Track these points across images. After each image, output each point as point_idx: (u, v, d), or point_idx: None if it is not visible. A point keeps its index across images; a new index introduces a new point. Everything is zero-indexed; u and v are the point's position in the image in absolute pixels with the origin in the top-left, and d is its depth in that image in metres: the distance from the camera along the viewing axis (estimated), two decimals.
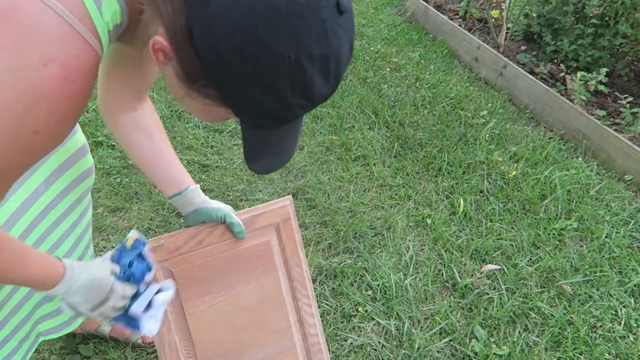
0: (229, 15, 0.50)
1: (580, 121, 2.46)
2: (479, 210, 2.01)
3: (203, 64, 0.53)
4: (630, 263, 1.83)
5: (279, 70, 0.52)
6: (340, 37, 0.54)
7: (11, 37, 0.49)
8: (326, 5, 0.52)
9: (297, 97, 0.55)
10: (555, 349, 1.52)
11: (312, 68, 0.53)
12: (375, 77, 2.86)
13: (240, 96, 0.55)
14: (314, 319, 1.29)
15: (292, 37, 0.51)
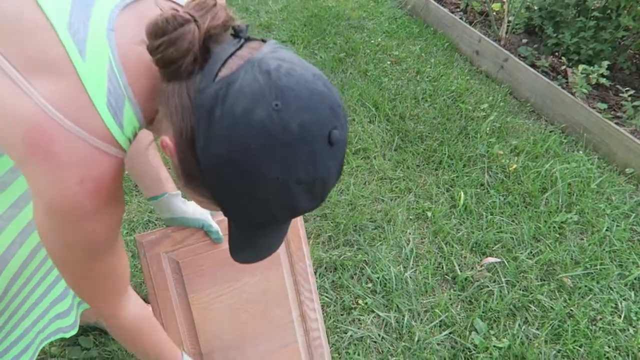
0: (229, 134, 0.56)
1: (581, 114, 2.45)
2: (480, 203, 2.00)
3: (201, 171, 0.59)
4: (630, 256, 1.82)
5: (268, 188, 0.58)
6: (328, 166, 0.60)
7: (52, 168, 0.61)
8: (318, 137, 0.57)
9: (283, 210, 0.61)
10: (555, 342, 1.52)
11: (298, 190, 0.59)
12: (375, 70, 2.85)
13: (230, 203, 0.61)
14: (316, 313, 1.29)
15: (281, 162, 0.56)
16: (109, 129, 0.63)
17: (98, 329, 1.42)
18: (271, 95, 0.55)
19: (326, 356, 1.33)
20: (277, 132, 0.55)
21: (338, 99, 0.60)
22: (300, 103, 0.56)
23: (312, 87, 0.57)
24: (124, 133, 0.65)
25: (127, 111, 0.64)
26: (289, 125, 0.55)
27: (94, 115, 0.62)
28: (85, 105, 0.61)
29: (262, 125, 0.55)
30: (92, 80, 0.61)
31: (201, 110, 0.57)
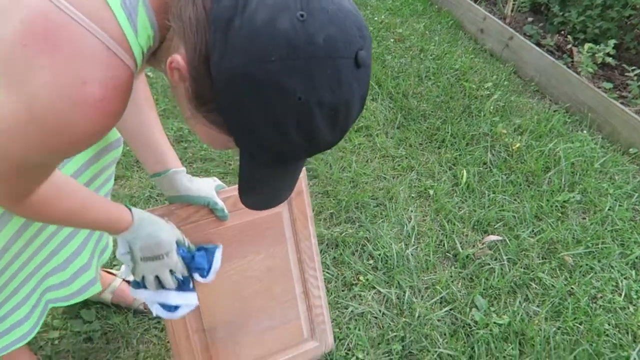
0: (249, 44, 0.50)
1: (586, 94, 2.42)
2: (482, 181, 2.00)
3: (214, 89, 0.54)
4: (632, 235, 1.82)
5: (287, 108, 0.52)
6: (353, 89, 0.55)
7: (54, 57, 0.52)
8: (345, 55, 0.52)
9: (301, 138, 0.55)
10: (555, 319, 1.53)
11: (320, 114, 0.53)
12: (379, 48, 2.81)
13: (243, 126, 0.55)
14: (320, 291, 1.29)
15: (305, 78, 0.51)
16: (123, 30, 0.56)
17: (100, 303, 1.43)
18: (296, 4, 0.50)
19: (328, 332, 1.34)
20: (301, 43, 0.50)
21: (364, 21, 0.55)
22: (327, 16, 0.51)
23: (340, 3, 0.53)
24: (137, 40, 0.58)
25: (141, 15, 0.58)
26: (315, 37, 0.50)
27: (107, 11, 0.55)
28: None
29: (286, 35, 0.50)
30: None
31: (218, 20, 0.52)
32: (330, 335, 1.34)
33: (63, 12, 0.52)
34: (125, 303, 1.42)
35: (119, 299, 1.42)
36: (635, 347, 1.46)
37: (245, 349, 1.25)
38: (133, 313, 1.42)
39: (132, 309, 1.42)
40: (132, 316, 1.42)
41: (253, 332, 1.25)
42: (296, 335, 1.31)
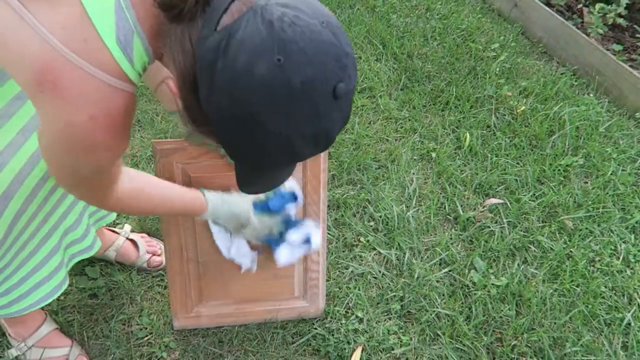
0: (231, 87, 0.55)
1: (594, 56, 2.37)
2: (485, 145, 1.99)
3: (205, 117, 0.60)
4: (633, 200, 1.82)
5: (271, 141, 0.58)
6: (333, 118, 0.59)
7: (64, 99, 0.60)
8: (322, 92, 0.56)
9: (287, 158, 0.62)
10: (553, 281, 1.55)
11: (302, 143, 0.59)
12: (384, 6, 2.75)
13: (234, 149, 0.62)
14: (319, 257, 1.31)
15: (284, 117, 0.56)
16: (119, 64, 0.62)
17: (104, 260, 1.45)
18: (273, 48, 0.53)
19: (320, 297, 1.36)
20: (279, 88, 0.54)
21: (346, 47, 0.59)
22: (304, 57, 0.54)
23: (318, 39, 0.55)
24: (134, 68, 0.64)
25: (136, 46, 0.63)
26: (292, 81, 0.54)
27: (104, 50, 0.60)
28: (92, 39, 0.59)
29: (264, 80, 0.54)
30: (98, 13, 0.59)
31: (203, 61, 0.56)
32: (322, 300, 1.37)
33: (68, 60, 0.58)
34: (129, 261, 1.44)
35: (123, 257, 1.44)
36: (630, 310, 1.49)
37: (234, 288, 1.30)
38: (137, 270, 1.45)
39: (135, 266, 1.45)
40: (136, 273, 1.44)
41: (245, 276, 1.28)
42: (287, 291, 1.34)
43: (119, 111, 0.65)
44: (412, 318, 1.43)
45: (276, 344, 1.34)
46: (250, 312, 1.34)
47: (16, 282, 1.04)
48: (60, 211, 1.05)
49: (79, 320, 1.35)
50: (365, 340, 1.36)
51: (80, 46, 0.59)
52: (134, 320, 1.36)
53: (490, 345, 1.39)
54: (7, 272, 1.01)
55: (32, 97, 0.63)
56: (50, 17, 0.57)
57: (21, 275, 1.04)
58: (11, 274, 1.02)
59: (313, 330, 1.36)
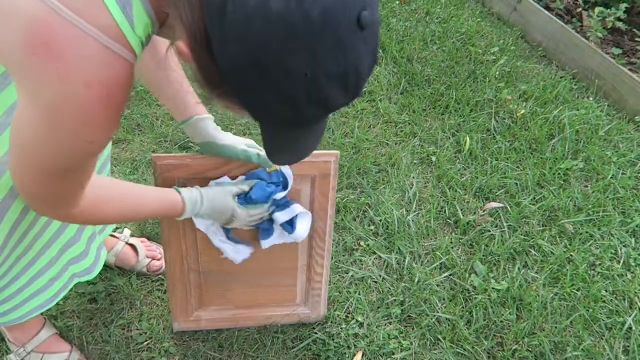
0: (245, 31, 0.50)
1: (594, 59, 2.38)
2: (485, 148, 1.99)
3: (221, 74, 0.55)
4: (634, 204, 1.82)
5: (296, 85, 0.53)
6: (360, 52, 0.54)
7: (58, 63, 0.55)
8: (345, 22, 0.51)
9: (314, 107, 0.56)
10: (553, 285, 1.55)
11: (329, 84, 0.54)
12: (383, 10, 2.75)
13: (257, 105, 0.57)
14: (323, 269, 1.30)
15: (307, 54, 0.51)
16: (118, 25, 0.57)
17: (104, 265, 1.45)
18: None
19: (322, 305, 1.35)
20: (297, 22, 0.49)
21: None
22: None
23: None
24: (134, 32, 0.59)
25: (136, 5, 0.58)
26: (310, 13, 0.49)
27: (102, 8, 0.56)
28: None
29: (280, 16, 0.49)
30: None
31: (211, 8, 0.52)
32: (323, 307, 1.36)
33: (61, 17, 0.53)
34: (128, 266, 1.44)
35: (122, 262, 1.43)
36: (631, 314, 1.48)
37: (235, 295, 1.29)
38: (136, 275, 1.44)
39: (135, 271, 1.44)
40: (136, 278, 1.44)
41: (247, 284, 1.28)
42: (288, 298, 1.33)
43: (116, 81, 0.59)
44: (413, 322, 1.43)
45: (276, 348, 1.33)
46: (251, 316, 1.33)
47: (14, 292, 1.03)
48: (59, 222, 1.03)
49: (78, 325, 1.34)
50: (366, 344, 1.36)
51: (78, 4, 0.54)
52: (134, 325, 1.35)
53: (491, 349, 1.38)
54: (4, 281, 1.00)
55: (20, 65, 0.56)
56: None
57: (19, 285, 1.03)
58: (8, 284, 1.01)
59: (313, 335, 1.36)
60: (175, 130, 1.89)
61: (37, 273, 1.05)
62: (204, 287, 1.26)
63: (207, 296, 1.28)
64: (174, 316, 1.28)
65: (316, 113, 0.58)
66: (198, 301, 1.29)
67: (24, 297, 1.06)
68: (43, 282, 1.07)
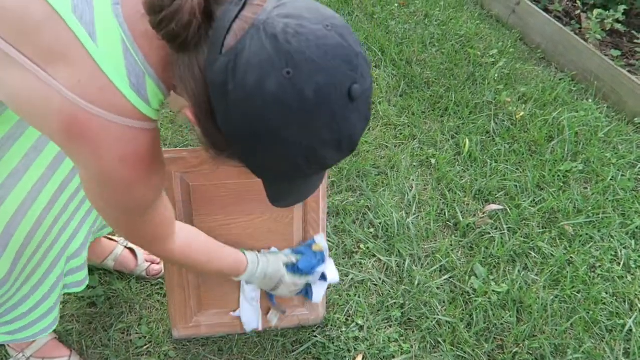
0: (245, 107, 0.55)
1: (593, 61, 2.38)
2: (485, 150, 1.98)
3: (226, 142, 0.61)
4: (633, 206, 1.82)
5: (294, 153, 0.58)
6: (352, 121, 0.58)
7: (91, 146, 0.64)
8: (336, 96, 0.55)
9: (312, 166, 0.61)
10: (554, 287, 1.55)
11: (324, 149, 0.58)
12: (382, 13, 2.75)
13: (259, 167, 0.63)
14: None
15: (303, 128, 0.55)
16: (135, 107, 0.64)
17: (103, 269, 1.45)
18: (281, 62, 0.53)
19: (320, 306, 1.35)
20: (292, 101, 0.54)
21: (355, 46, 0.58)
22: (313, 65, 0.53)
23: (325, 43, 0.54)
24: (150, 107, 0.66)
25: (149, 86, 0.65)
26: (304, 92, 0.54)
27: (118, 95, 0.63)
28: (106, 87, 0.62)
29: (276, 96, 0.54)
30: (108, 62, 0.61)
31: (214, 85, 0.56)
32: (322, 308, 1.36)
33: (87, 112, 0.61)
34: (127, 269, 1.44)
35: (122, 266, 1.43)
36: (632, 316, 1.48)
37: (233, 296, 1.29)
38: (135, 279, 1.44)
39: (134, 275, 1.44)
40: (135, 282, 1.43)
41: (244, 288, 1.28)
42: (287, 300, 1.33)
43: (145, 148, 0.68)
44: (413, 325, 1.42)
45: (276, 352, 1.33)
46: None
47: (26, 311, 1.04)
48: (66, 237, 1.05)
49: (78, 329, 1.34)
50: (366, 348, 1.36)
51: (97, 96, 0.61)
52: (133, 329, 1.35)
53: (492, 352, 1.38)
54: (14, 301, 1.01)
55: (65, 149, 0.67)
56: (66, 74, 0.60)
57: (31, 304, 1.05)
58: (18, 304, 1.02)
59: (313, 338, 1.35)
60: (175, 134, 1.89)
61: (48, 292, 1.06)
62: (203, 288, 1.26)
63: (206, 298, 1.28)
64: (173, 323, 1.28)
65: (314, 170, 0.62)
66: (197, 304, 1.28)
67: (37, 317, 1.08)
68: (53, 301, 1.09)
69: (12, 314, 1.03)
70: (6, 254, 0.91)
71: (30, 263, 0.98)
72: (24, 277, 0.99)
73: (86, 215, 1.11)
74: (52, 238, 1.01)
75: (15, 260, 0.93)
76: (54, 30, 0.59)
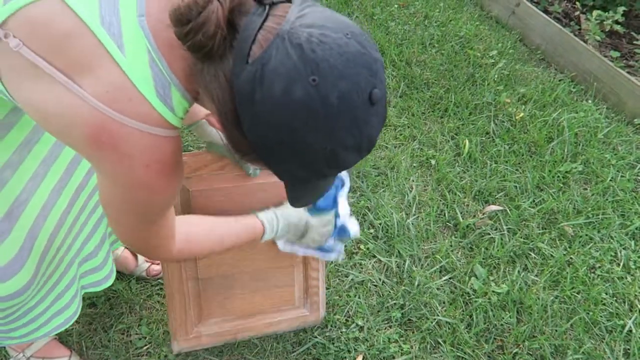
0: (272, 115, 0.57)
1: (592, 62, 2.38)
2: (484, 151, 1.99)
3: (251, 147, 0.62)
4: (633, 206, 1.82)
5: (317, 157, 0.60)
6: (373, 124, 0.60)
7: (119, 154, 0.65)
8: (359, 102, 0.58)
9: (332, 169, 0.64)
10: (554, 288, 1.55)
11: (345, 152, 0.61)
12: (382, 14, 2.76)
13: (282, 171, 0.65)
14: (318, 264, 1.30)
15: (327, 133, 0.58)
16: (162, 115, 0.66)
17: None
18: (307, 70, 0.55)
19: (320, 305, 1.35)
20: (317, 107, 0.56)
21: (374, 52, 0.60)
22: (337, 72, 0.56)
23: (347, 51, 0.57)
24: (175, 115, 0.68)
25: (174, 95, 0.66)
26: (329, 98, 0.56)
27: (146, 105, 0.64)
28: (135, 97, 0.63)
29: (303, 103, 0.56)
30: (136, 72, 0.62)
31: (241, 95, 0.58)
32: (322, 308, 1.36)
33: (116, 121, 0.63)
34: (127, 270, 1.43)
35: (122, 266, 1.43)
36: (631, 316, 1.48)
37: (234, 302, 1.28)
38: (136, 279, 1.44)
39: (134, 275, 1.44)
40: (135, 282, 1.43)
41: (245, 289, 1.27)
42: (287, 300, 1.33)
43: (169, 155, 0.69)
44: (413, 326, 1.42)
45: (276, 353, 1.33)
46: (251, 327, 1.32)
47: (39, 313, 1.05)
48: (81, 239, 1.07)
49: (78, 330, 1.34)
50: (366, 348, 1.36)
51: (126, 106, 0.63)
52: (133, 330, 1.35)
53: (492, 353, 1.38)
54: (31, 304, 1.02)
55: (90, 157, 0.67)
56: (95, 85, 0.61)
57: (45, 306, 1.05)
58: (34, 306, 1.03)
59: (313, 339, 1.35)
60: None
61: (61, 292, 1.07)
62: (203, 296, 1.25)
63: (206, 307, 1.27)
64: (173, 335, 1.26)
65: (334, 172, 0.66)
66: (198, 313, 1.27)
67: (48, 317, 1.08)
68: (66, 301, 1.10)
69: (28, 316, 1.04)
70: (31, 256, 0.93)
71: (50, 265, 0.99)
72: (45, 279, 1.00)
73: (102, 217, 1.13)
74: (71, 239, 1.03)
75: (39, 263, 0.95)
76: (83, 41, 0.60)
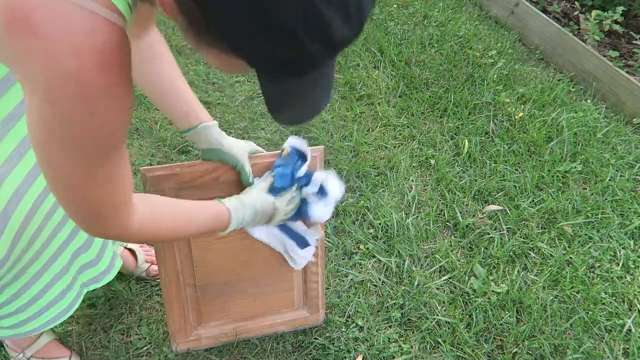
0: None
1: (591, 62, 2.39)
2: (484, 151, 1.99)
3: (206, 18, 0.48)
4: (632, 206, 1.82)
5: (288, 12, 0.45)
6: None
7: (40, 36, 0.50)
8: None
9: (313, 40, 0.48)
10: (553, 288, 1.55)
11: (330, 11, 0.46)
12: (381, 14, 2.76)
13: (249, 46, 0.49)
14: (318, 268, 1.30)
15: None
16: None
17: None
18: None
19: (320, 307, 1.35)
20: None
21: None
22: None
23: None
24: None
25: None
26: None
27: None
28: None
29: None
30: None
31: None
32: (321, 310, 1.36)
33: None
34: (127, 270, 1.43)
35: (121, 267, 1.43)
36: (630, 316, 1.48)
37: (233, 307, 1.28)
38: (135, 280, 1.44)
39: (134, 276, 1.44)
40: (135, 283, 1.43)
41: (245, 294, 1.27)
42: (287, 303, 1.33)
43: (109, 46, 0.53)
44: (413, 326, 1.42)
45: (276, 353, 1.33)
46: (251, 328, 1.32)
47: (26, 302, 1.03)
48: (68, 230, 1.03)
49: (78, 330, 1.34)
50: (366, 348, 1.36)
51: None
52: (133, 330, 1.35)
53: (491, 352, 1.38)
54: (14, 290, 0.99)
55: (6, 48, 0.52)
56: None
57: (32, 294, 1.03)
58: (19, 293, 1.00)
59: (313, 340, 1.35)
60: (174, 135, 1.89)
61: (49, 282, 1.04)
62: (202, 301, 1.25)
63: (205, 311, 1.27)
64: (172, 337, 1.26)
65: (318, 50, 0.50)
66: (197, 318, 1.27)
67: (38, 309, 1.06)
68: (56, 293, 1.07)
69: (14, 304, 1.01)
70: (4, 235, 0.88)
71: (29, 249, 0.95)
72: (23, 264, 0.96)
73: None
74: (52, 227, 0.98)
75: (13, 243, 0.90)
76: None
